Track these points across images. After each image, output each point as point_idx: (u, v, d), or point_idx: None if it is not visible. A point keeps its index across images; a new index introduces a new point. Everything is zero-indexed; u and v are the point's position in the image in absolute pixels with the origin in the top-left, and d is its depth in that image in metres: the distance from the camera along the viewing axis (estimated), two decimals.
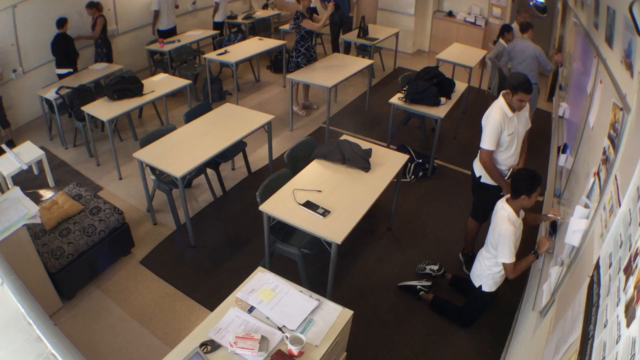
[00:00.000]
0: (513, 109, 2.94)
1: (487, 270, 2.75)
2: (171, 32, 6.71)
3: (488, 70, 7.25)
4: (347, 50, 7.35)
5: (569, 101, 4.19)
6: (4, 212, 2.77)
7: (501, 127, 2.93)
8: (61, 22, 5.26)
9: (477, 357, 2.86)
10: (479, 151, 3.07)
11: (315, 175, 3.22)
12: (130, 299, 3.22)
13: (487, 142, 2.97)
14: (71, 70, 5.54)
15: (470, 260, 3.61)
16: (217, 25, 7.36)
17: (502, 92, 2.99)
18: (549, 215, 2.67)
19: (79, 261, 3.17)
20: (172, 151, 3.53)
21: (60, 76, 5.44)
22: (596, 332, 1.17)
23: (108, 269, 3.46)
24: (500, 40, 5.41)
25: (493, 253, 2.65)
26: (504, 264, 2.58)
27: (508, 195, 2.64)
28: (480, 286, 2.80)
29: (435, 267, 3.38)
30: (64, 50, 5.40)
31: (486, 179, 3.19)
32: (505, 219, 2.53)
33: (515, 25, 5.60)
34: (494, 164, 3.07)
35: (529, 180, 2.50)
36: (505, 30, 5.39)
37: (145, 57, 6.55)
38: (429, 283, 3.26)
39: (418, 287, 3.24)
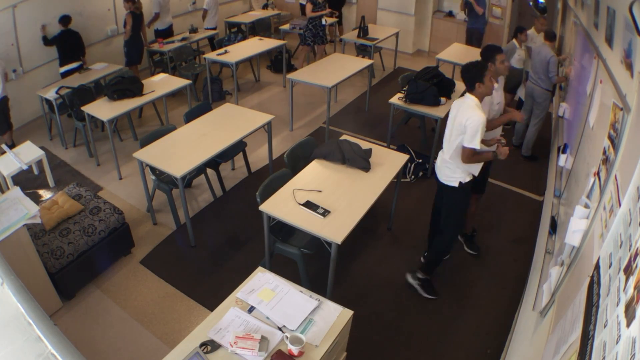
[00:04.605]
0: (497, 78, 3.03)
1: (459, 167, 2.87)
2: (169, 32, 6.72)
3: None
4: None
5: (569, 101, 4.19)
6: (4, 212, 2.77)
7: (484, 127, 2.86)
8: (65, 20, 5.28)
9: (477, 357, 2.86)
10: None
11: (315, 175, 3.22)
12: (130, 299, 3.22)
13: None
14: (80, 63, 5.57)
15: (470, 239, 3.62)
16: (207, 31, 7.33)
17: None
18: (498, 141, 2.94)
19: (79, 261, 3.17)
20: (172, 151, 3.53)
21: (64, 74, 5.44)
22: (596, 332, 1.17)
23: (108, 269, 3.46)
24: (514, 40, 5.39)
25: (457, 144, 2.78)
26: (464, 148, 2.72)
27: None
28: (460, 182, 2.90)
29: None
30: (72, 45, 5.43)
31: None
32: (474, 107, 2.69)
33: (532, 32, 5.58)
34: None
35: (474, 69, 2.72)
36: (519, 31, 5.37)
37: (145, 57, 6.55)
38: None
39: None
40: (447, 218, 3.10)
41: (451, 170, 2.93)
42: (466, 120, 2.67)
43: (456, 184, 2.93)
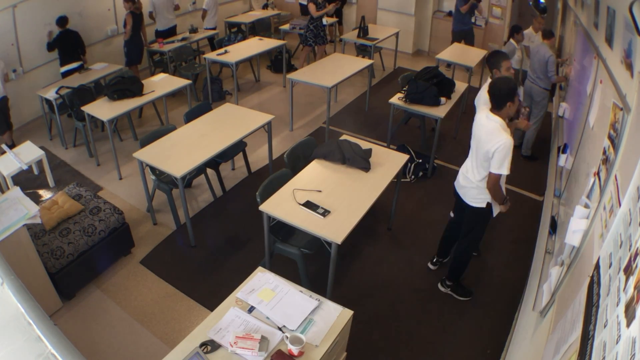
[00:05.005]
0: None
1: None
2: (170, 32, 6.72)
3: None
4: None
5: (569, 101, 4.20)
6: (4, 212, 2.77)
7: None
8: (62, 21, 5.28)
9: (477, 357, 2.86)
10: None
11: (315, 175, 3.22)
12: (130, 299, 3.22)
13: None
14: (80, 63, 5.57)
15: None
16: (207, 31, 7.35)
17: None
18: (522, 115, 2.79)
19: (79, 261, 3.17)
20: (172, 151, 3.53)
21: (65, 74, 5.45)
22: (596, 332, 1.17)
23: (108, 269, 3.46)
24: (511, 40, 5.39)
25: (486, 167, 2.64)
26: (492, 174, 2.58)
27: (487, 108, 2.65)
28: (487, 202, 2.78)
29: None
30: (71, 45, 5.43)
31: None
32: (501, 130, 2.51)
33: (530, 31, 5.58)
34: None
35: (506, 86, 2.53)
36: (515, 31, 5.36)
37: (145, 57, 6.55)
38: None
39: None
40: (469, 233, 3.02)
41: (479, 192, 2.79)
42: (493, 147, 2.50)
43: (484, 205, 2.81)
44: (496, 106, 2.59)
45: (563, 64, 5.08)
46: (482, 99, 3.04)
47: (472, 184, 2.81)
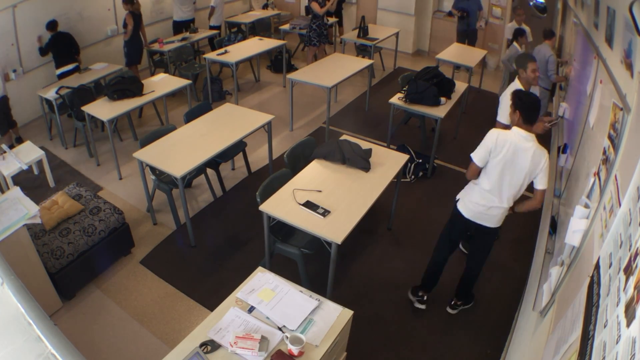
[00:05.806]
0: (529, 87, 3.08)
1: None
2: (186, 25, 6.83)
3: (488, 71, 7.31)
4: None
5: (569, 101, 4.20)
6: (4, 212, 2.77)
7: None
8: (52, 25, 5.26)
9: (477, 357, 2.86)
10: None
11: (315, 175, 3.22)
12: (130, 299, 3.22)
13: (504, 116, 2.98)
14: (76, 64, 5.55)
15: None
16: (212, 29, 7.36)
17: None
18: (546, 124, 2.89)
19: (79, 261, 3.17)
20: (172, 151, 3.53)
21: (61, 76, 5.45)
22: (596, 332, 1.17)
23: (108, 269, 3.46)
24: (514, 43, 5.39)
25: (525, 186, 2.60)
26: (543, 192, 2.51)
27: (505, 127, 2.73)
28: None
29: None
30: (65, 47, 5.43)
31: None
32: (539, 146, 2.46)
33: (528, 29, 5.59)
34: None
35: (526, 99, 2.46)
36: (519, 34, 5.36)
37: (145, 57, 6.55)
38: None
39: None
40: (488, 253, 2.95)
41: (505, 211, 2.73)
42: (540, 166, 2.46)
43: (501, 223, 2.82)
44: (532, 122, 2.47)
45: (563, 64, 5.08)
46: (504, 104, 3.08)
47: (502, 210, 2.71)
